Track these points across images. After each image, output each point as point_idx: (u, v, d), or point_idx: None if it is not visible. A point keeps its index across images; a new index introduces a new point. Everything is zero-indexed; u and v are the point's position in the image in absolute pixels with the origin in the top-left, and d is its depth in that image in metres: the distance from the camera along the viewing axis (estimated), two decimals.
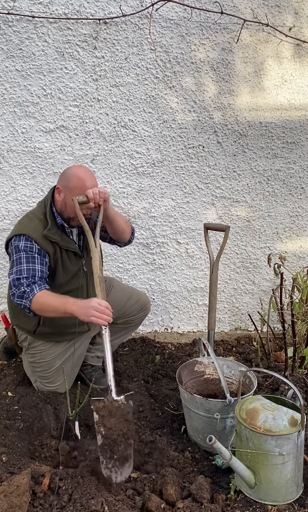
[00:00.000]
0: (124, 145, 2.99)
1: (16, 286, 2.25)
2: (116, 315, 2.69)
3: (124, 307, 2.69)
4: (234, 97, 3.04)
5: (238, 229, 3.30)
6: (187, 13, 2.84)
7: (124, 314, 2.71)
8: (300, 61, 3.07)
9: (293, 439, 1.87)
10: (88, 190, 2.27)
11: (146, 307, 2.79)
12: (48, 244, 2.34)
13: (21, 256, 2.29)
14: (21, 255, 2.29)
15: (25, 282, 2.23)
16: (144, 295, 2.86)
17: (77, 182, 2.30)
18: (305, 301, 3.03)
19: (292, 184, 3.29)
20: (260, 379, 2.73)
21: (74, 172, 2.34)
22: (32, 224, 2.36)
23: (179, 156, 3.08)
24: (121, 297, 2.71)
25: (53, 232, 2.35)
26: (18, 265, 2.28)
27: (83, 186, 2.29)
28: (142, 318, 2.83)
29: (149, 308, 2.83)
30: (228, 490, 1.98)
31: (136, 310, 2.74)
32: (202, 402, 2.20)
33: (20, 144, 2.87)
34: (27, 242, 2.31)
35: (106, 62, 2.84)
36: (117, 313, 2.69)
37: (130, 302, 2.71)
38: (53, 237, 2.34)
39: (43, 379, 2.58)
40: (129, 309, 2.71)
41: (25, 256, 2.29)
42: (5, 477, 1.90)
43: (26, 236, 2.31)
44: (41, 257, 2.32)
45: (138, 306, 2.74)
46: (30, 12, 2.68)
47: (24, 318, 2.48)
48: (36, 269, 2.29)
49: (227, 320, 3.47)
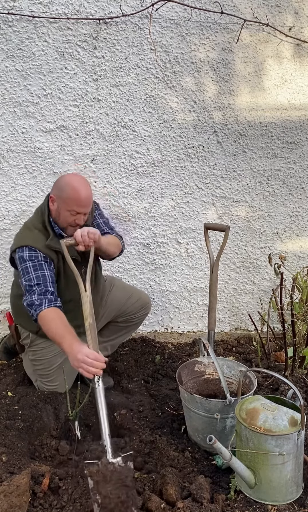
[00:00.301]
0: (124, 145, 2.99)
1: (28, 292, 2.25)
2: (117, 313, 2.73)
3: (125, 305, 2.71)
4: (234, 97, 3.04)
5: (238, 229, 3.30)
6: (187, 13, 2.84)
7: (125, 313, 2.73)
8: (300, 61, 3.07)
9: (293, 439, 1.87)
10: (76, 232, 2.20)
11: (146, 306, 2.80)
12: (51, 253, 2.34)
13: (28, 266, 2.29)
14: (27, 264, 2.29)
15: (36, 290, 2.23)
16: (144, 294, 2.87)
17: (71, 193, 2.27)
18: (305, 301, 3.03)
19: (292, 184, 3.29)
20: (260, 379, 2.73)
21: (68, 181, 2.30)
22: (32, 235, 2.35)
23: (179, 156, 3.08)
24: (122, 296, 2.72)
25: (55, 242, 2.33)
26: (26, 275, 2.28)
27: (77, 198, 2.26)
28: (143, 317, 2.84)
29: (149, 307, 2.84)
30: (228, 490, 1.98)
31: (137, 309, 2.75)
32: (202, 402, 2.20)
33: (20, 144, 2.87)
34: (31, 252, 2.30)
35: (106, 62, 2.84)
36: (118, 311, 2.73)
37: (131, 300, 2.72)
38: (56, 246, 2.32)
39: (43, 378, 2.58)
40: (130, 307, 2.72)
41: (32, 265, 2.29)
42: (5, 477, 1.91)
43: (29, 246, 2.31)
44: (48, 264, 2.32)
45: (138, 304, 2.75)
46: (30, 12, 2.68)
47: (27, 318, 2.48)
48: (46, 274, 2.28)
49: (227, 320, 3.47)
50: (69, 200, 2.27)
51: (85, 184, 2.34)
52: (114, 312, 2.72)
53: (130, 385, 2.78)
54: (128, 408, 2.52)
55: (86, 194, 2.29)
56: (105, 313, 2.69)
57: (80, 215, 2.31)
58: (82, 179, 2.37)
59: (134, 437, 2.33)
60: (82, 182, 2.33)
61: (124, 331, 2.83)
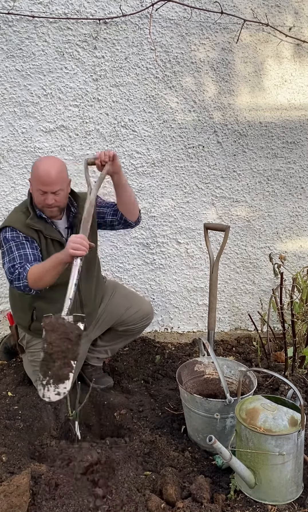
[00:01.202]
0: (124, 145, 2.99)
1: (11, 273, 2.26)
2: (116, 322, 2.67)
3: (124, 315, 2.65)
4: (234, 97, 3.04)
5: (238, 229, 3.30)
6: (187, 13, 2.84)
7: (124, 323, 2.66)
8: (300, 61, 3.07)
9: (293, 439, 1.87)
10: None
11: (148, 317, 2.72)
12: (32, 232, 2.35)
13: (10, 245, 2.31)
14: (10, 244, 2.31)
15: (18, 267, 2.25)
16: (147, 303, 2.78)
17: (36, 173, 2.30)
18: (305, 301, 3.03)
19: (292, 184, 3.29)
20: (260, 379, 2.73)
21: (36, 163, 2.35)
22: (16, 216, 2.39)
23: (179, 156, 3.08)
24: (122, 305, 2.65)
25: (35, 221, 2.36)
26: (9, 254, 2.30)
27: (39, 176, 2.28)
28: (144, 327, 2.76)
29: (151, 318, 2.75)
30: (228, 490, 1.98)
31: (137, 320, 2.67)
32: (202, 402, 2.20)
33: (20, 144, 2.87)
34: (12, 233, 2.33)
35: (106, 62, 2.84)
36: (117, 320, 2.66)
37: (130, 311, 2.65)
38: (36, 225, 2.35)
39: None
40: (129, 318, 2.65)
41: (15, 245, 2.31)
42: (5, 477, 1.91)
43: (10, 227, 2.34)
44: (29, 242, 2.34)
45: (139, 315, 2.67)
46: (30, 12, 2.68)
47: (20, 313, 2.51)
48: (28, 253, 2.30)
49: (227, 320, 3.47)
50: (34, 180, 2.32)
51: (52, 164, 2.32)
52: (113, 320, 2.65)
53: (130, 385, 2.78)
54: (128, 408, 2.52)
55: (49, 173, 2.27)
56: (104, 319, 2.64)
57: (48, 194, 2.30)
58: (50, 159, 2.38)
59: (134, 437, 2.33)
60: (48, 162, 2.34)
61: (124, 338, 2.76)
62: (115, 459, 2.09)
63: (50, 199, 2.32)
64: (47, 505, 1.83)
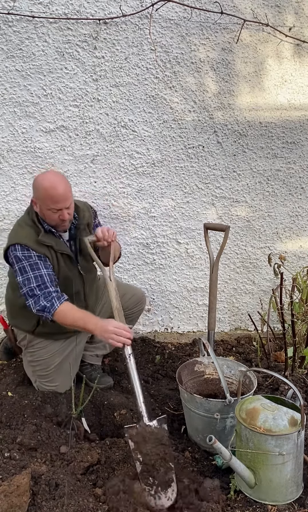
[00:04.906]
0: (124, 145, 2.99)
1: (33, 299, 2.25)
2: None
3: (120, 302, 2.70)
4: (234, 97, 3.04)
5: (238, 229, 3.30)
6: (187, 13, 2.84)
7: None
8: (300, 61, 3.07)
9: (293, 439, 1.87)
10: (97, 230, 2.35)
11: (141, 301, 2.84)
12: (43, 248, 2.33)
13: (24, 265, 2.29)
14: (23, 263, 2.29)
15: (40, 294, 2.23)
16: (139, 290, 2.91)
17: (44, 193, 2.27)
18: (305, 301, 3.03)
19: (292, 184, 3.29)
20: (260, 379, 2.73)
21: (40, 182, 2.31)
22: (24, 232, 2.35)
23: (179, 156, 3.08)
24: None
25: (46, 237, 2.34)
26: (23, 274, 2.28)
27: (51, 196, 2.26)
28: (139, 313, 2.87)
29: (144, 302, 2.88)
30: (228, 490, 1.98)
31: (132, 304, 2.77)
32: (202, 402, 2.20)
33: (20, 144, 2.87)
34: (23, 251, 2.30)
35: (106, 62, 2.84)
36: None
37: (125, 298, 2.71)
38: (47, 241, 2.33)
39: (42, 379, 2.58)
40: (125, 304, 2.68)
41: (28, 264, 2.29)
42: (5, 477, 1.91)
43: (20, 245, 2.30)
44: (43, 261, 2.31)
45: (133, 300, 2.78)
46: (30, 12, 2.68)
47: (23, 319, 2.48)
48: (43, 274, 2.28)
49: (227, 320, 3.47)
50: (45, 200, 2.28)
51: (57, 180, 2.31)
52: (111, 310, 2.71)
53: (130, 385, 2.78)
54: (128, 408, 2.52)
55: (58, 190, 2.27)
56: (102, 311, 2.69)
57: (62, 211, 2.31)
58: (53, 176, 2.35)
59: None
60: (53, 179, 2.31)
61: None
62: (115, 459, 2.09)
63: (65, 214, 2.32)
64: (47, 505, 1.83)
